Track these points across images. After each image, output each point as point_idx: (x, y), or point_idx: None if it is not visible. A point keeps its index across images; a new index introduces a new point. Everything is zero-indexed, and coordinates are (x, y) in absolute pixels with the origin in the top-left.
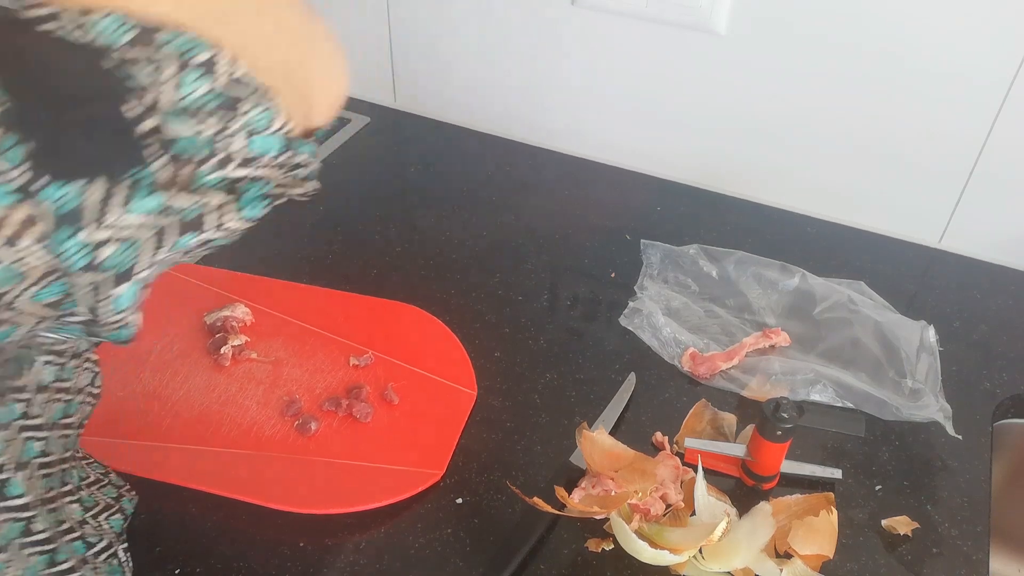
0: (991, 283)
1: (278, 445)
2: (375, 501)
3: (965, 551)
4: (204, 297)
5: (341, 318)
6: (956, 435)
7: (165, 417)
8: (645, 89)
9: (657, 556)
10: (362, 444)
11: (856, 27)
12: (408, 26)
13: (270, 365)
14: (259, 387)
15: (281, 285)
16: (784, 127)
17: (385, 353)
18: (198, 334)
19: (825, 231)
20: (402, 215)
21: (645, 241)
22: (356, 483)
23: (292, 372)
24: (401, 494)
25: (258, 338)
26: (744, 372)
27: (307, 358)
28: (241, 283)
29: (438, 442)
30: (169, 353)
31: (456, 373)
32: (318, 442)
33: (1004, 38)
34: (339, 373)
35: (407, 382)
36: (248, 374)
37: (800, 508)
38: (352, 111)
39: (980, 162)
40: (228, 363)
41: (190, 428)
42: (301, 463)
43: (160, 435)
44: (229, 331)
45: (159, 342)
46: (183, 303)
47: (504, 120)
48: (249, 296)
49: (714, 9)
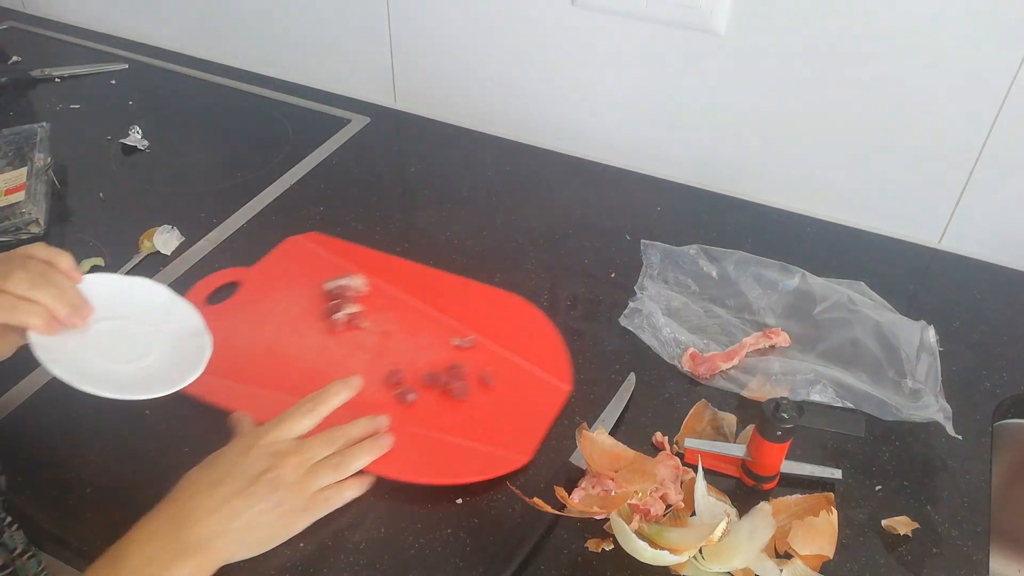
0: (991, 283)
1: (376, 410)
2: (461, 477)
3: (965, 551)
4: (327, 266)
5: (450, 299)
6: (956, 435)
7: (278, 369)
8: (645, 89)
9: (657, 556)
10: (455, 420)
11: (856, 27)
12: (408, 26)
13: (378, 335)
14: (366, 354)
15: (398, 262)
16: (784, 127)
17: (487, 338)
18: (317, 299)
19: (825, 231)
20: (402, 215)
21: (645, 241)
22: (445, 457)
23: (398, 345)
24: (486, 474)
25: (371, 309)
26: (744, 372)
27: (413, 333)
28: (365, 256)
29: (528, 429)
30: (289, 313)
31: (553, 366)
32: (414, 413)
33: (1004, 38)
34: (441, 351)
35: (504, 368)
36: (357, 341)
37: (800, 508)
38: (352, 111)
39: (980, 162)
40: (341, 329)
41: (299, 382)
42: (395, 431)
43: (271, 384)
44: (345, 299)
45: (282, 302)
46: (307, 269)
47: (504, 120)
48: (370, 269)
49: (714, 9)
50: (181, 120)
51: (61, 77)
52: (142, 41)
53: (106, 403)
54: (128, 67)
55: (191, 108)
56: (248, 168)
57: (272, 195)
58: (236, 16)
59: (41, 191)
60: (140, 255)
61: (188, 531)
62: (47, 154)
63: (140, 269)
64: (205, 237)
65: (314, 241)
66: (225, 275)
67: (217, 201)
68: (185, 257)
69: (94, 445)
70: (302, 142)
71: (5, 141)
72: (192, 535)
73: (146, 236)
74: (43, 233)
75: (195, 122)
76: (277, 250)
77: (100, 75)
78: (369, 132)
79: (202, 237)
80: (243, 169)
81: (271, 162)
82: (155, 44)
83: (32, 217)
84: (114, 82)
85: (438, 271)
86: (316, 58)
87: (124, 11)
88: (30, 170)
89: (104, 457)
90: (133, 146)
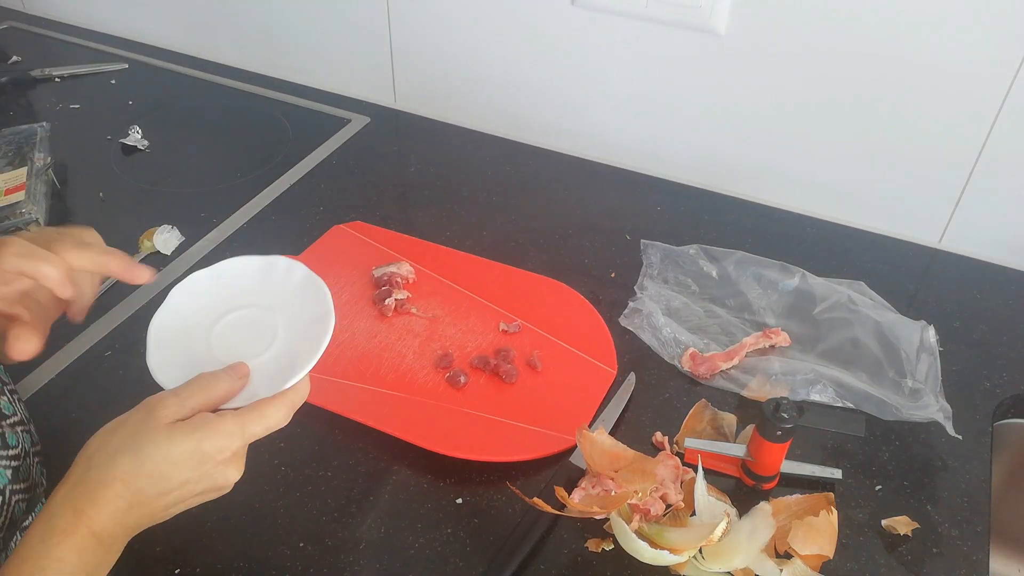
0: (991, 283)
1: (429, 392)
2: (511, 455)
3: (965, 551)
4: (375, 253)
5: (496, 286)
6: (956, 435)
7: (331, 354)
8: (645, 89)
9: (657, 556)
10: (505, 402)
11: (856, 27)
12: (408, 26)
13: (427, 320)
14: (416, 339)
15: (444, 251)
16: (784, 127)
17: (533, 323)
18: (365, 286)
19: (825, 231)
20: (402, 215)
21: (645, 241)
22: (496, 436)
23: (447, 329)
24: (535, 453)
25: (419, 295)
26: (744, 372)
27: (461, 318)
28: (408, 245)
29: (576, 411)
30: (340, 299)
31: (598, 350)
32: (465, 395)
33: (1004, 38)
34: (489, 336)
35: (551, 352)
36: (407, 326)
37: (800, 508)
38: (352, 111)
39: (980, 162)
40: (390, 314)
41: (351, 366)
42: (447, 411)
43: (326, 369)
44: (394, 285)
45: (332, 287)
46: (357, 256)
47: (504, 120)
48: (414, 257)
49: (714, 9)
50: (181, 120)
51: (61, 77)
52: (142, 41)
53: (116, 393)
54: (128, 67)
55: (191, 108)
56: (248, 168)
57: (272, 195)
58: (236, 16)
59: (41, 191)
60: (140, 255)
61: (111, 531)
62: (47, 154)
63: None
64: (205, 237)
65: (358, 229)
66: None
67: (217, 201)
68: (185, 257)
69: None
70: (302, 142)
71: (5, 141)
72: (112, 534)
73: (146, 236)
74: None
75: (195, 122)
76: (323, 238)
77: (100, 75)
78: (369, 132)
79: (202, 237)
80: (243, 169)
81: (271, 162)
82: (155, 44)
83: (32, 217)
84: (114, 82)
85: (480, 259)
86: (316, 58)
87: (124, 11)
88: (30, 170)
89: None
90: (133, 146)
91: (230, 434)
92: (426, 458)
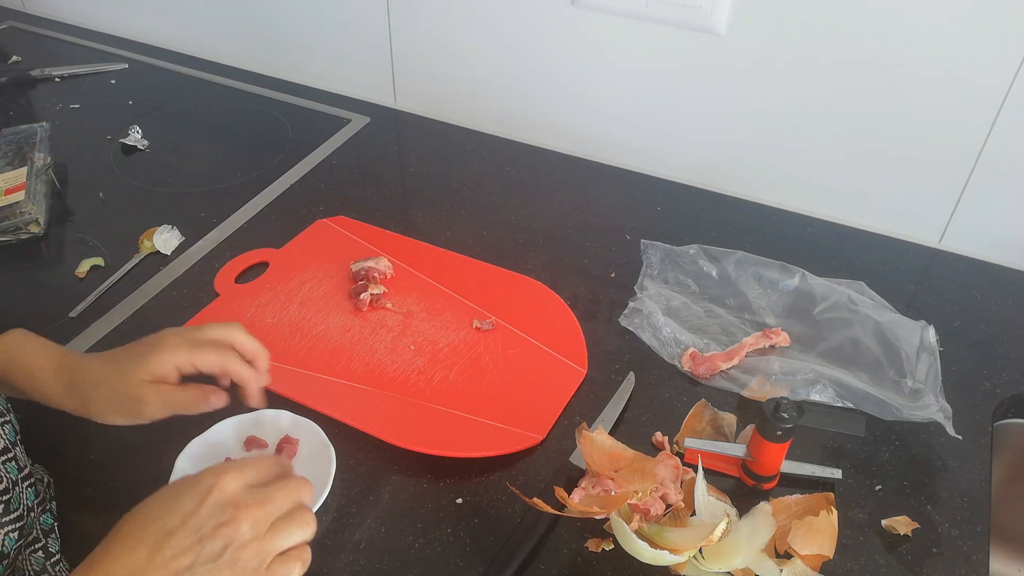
0: (991, 283)
1: (398, 388)
2: (477, 451)
3: (965, 551)
4: (353, 248)
5: (471, 283)
6: (956, 435)
7: (304, 346)
8: (645, 89)
9: (657, 556)
10: (473, 399)
11: (856, 28)
12: (408, 26)
13: (402, 315)
14: (389, 334)
15: (424, 247)
16: (784, 127)
17: (507, 321)
18: (343, 280)
19: (825, 231)
20: (402, 215)
21: (645, 241)
22: (463, 432)
23: (420, 325)
24: (500, 450)
25: (395, 291)
26: (744, 372)
27: (435, 315)
28: (389, 240)
29: (543, 409)
30: (316, 292)
31: (569, 349)
32: (434, 391)
33: (1004, 38)
34: (462, 332)
35: (522, 350)
36: (381, 321)
37: (800, 508)
38: (352, 111)
39: (980, 162)
40: (365, 308)
41: (323, 360)
42: (415, 406)
43: (297, 361)
44: (370, 280)
45: (309, 281)
46: (334, 250)
47: (504, 120)
48: (395, 252)
49: (714, 9)
50: (181, 120)
51: (61, 77)
52: (142, 41)
53: None
54: (128, 67)
55: (191, 108)
56: (248, 168)
57: (272, 195)
58: (236, 16)
59: (41, 191)
60: (140, 255)
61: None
62: (47, 154)
63: (140, 269)
64: (205, 237)
65: (341, 224)
66: (254, 255)
67: (217, 201)
68: (185, 257)
69: (94, 445)
70: (302, 142)
71: (5, 141)
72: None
73: (146, 236)
74: (43, 233)
75: (195, 122)
76: (306, 232)
77: (100, 75)
78: (369, 132)
79: (202, 237)
80: (243, 169)
81: (271, 162)
82: (155, 44)
83: (32, 217)
84: (114, 82)
85: (460, 256)
86: (316, 58)
87: (124, 11)
88: (30, 170)
89: (105, 458)
90: (133, 146)
91: (224, 471)
92: (427, 458)
